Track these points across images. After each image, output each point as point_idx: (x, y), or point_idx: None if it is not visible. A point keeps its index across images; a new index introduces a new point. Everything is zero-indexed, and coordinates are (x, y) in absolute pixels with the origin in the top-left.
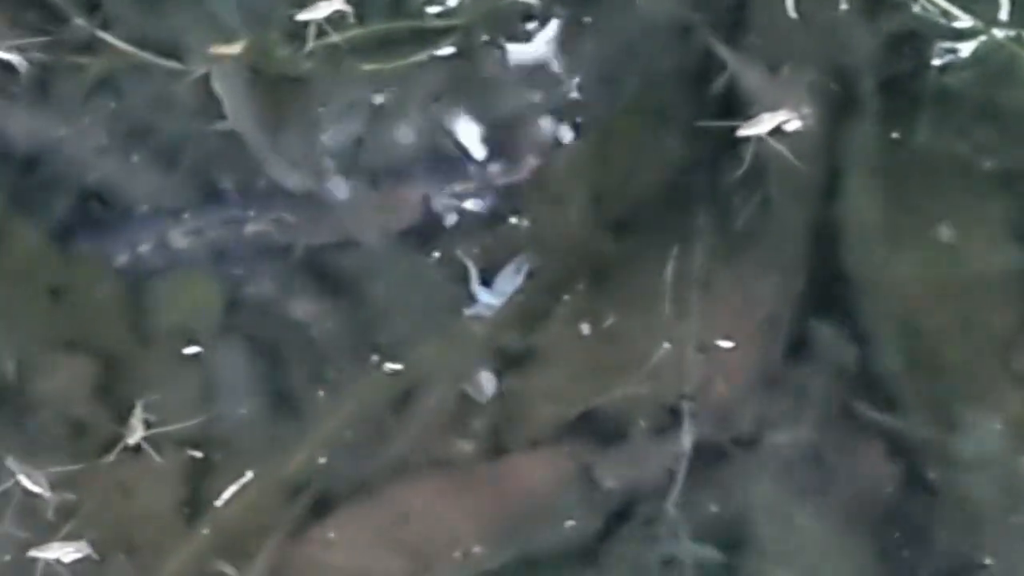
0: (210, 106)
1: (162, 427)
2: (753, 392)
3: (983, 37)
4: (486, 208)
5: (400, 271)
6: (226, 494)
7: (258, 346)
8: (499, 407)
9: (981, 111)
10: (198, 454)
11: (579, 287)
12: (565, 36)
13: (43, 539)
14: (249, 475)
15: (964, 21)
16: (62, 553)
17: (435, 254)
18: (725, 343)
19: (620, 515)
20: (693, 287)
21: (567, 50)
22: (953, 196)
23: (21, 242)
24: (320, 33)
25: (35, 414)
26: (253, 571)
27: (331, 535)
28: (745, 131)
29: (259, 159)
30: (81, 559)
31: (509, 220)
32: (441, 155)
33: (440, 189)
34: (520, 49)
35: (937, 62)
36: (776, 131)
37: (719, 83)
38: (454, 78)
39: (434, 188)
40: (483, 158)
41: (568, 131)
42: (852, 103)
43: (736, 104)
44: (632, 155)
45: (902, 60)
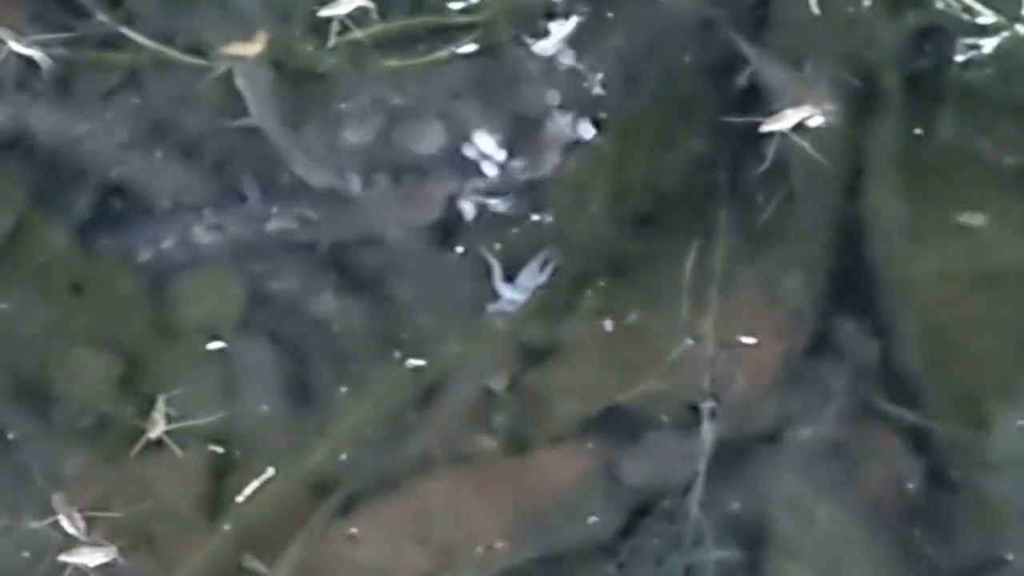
0: (233, 102)
1: (184, 422)
2: (775, 388)
3: (1006, 33)
4: (509, 204)
5: (423, 267)
6: (248, 490)
7: (280, 342)
8: (521, 403)
9: (1004, 107)
10: (220, 450)
11: (601, 283)
12: (587, 33)
13: (72, 543)
14: (271, 471)
15: (987, 17)
16: (91, 558)
17: (458, 250)
18: (748, 339)
19: (642, 511)
20: (715, 283)
21: (589, 47)
22: (976, 192)
23: (44, 238)
24: (343, 29)
25: (59, 410)
26: (282, 568)
27: (354, 531)
28: (768, 127)
29: (282, 155)
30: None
31: (531, 216)
32: (463, 152)
33: (463, 186)
34: (542, 45)
35: (960, 58)
36: (799, 127)
37: (742, 79)
38: (476, 74)
39: (457, 185)
40: (505, 154)
41: (590, 127)
42: (875, 99)
43: (759, 100)
44: (654, 151)
45: (925, 56)
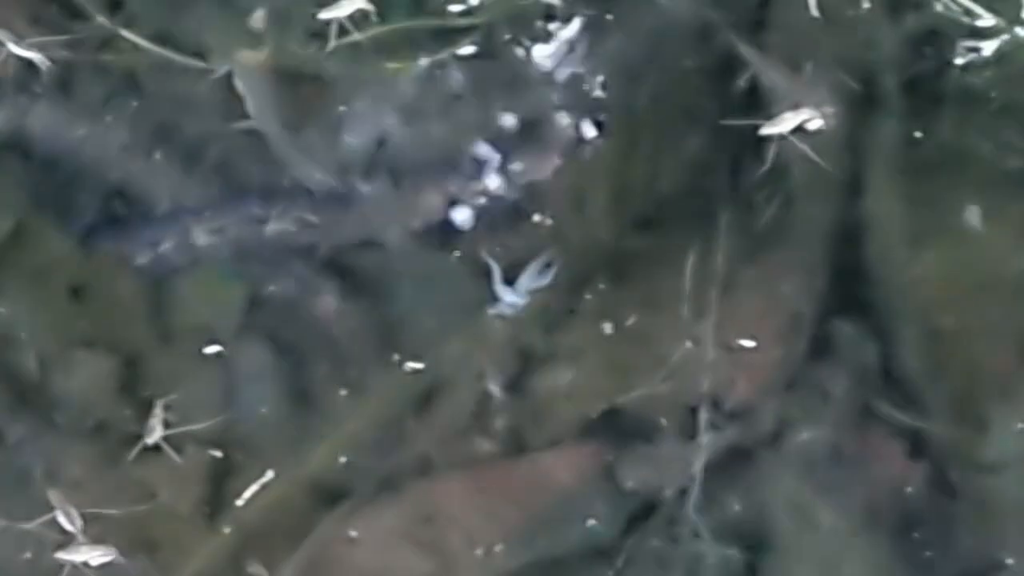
0: (232, 105)
1: (183, 426)
2: (775, 391)
3: (1005, 36)
4: (509, 207)
5: (422, 270)
6: (247, 494)
7: (280, 345)
8: (521, 406)
9: (1003, 109)
10: (219, 453)
11: (601, 286)
12: (587, 35)
13: (70, 540)
14: (270, 475)
15: (986, 20)
16: (90, 556)
17: (457, 253)
18: (747, 342)
19: (642, 514)
20: (715, 286)
21: (589, 49)
22: (976, 195)
23: (43, 241)
24: (342, 32)
25: (58, 412)
26: (285, 572)
27: (353, 534)
28: (768, 130)
29: (281, 158)
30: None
31: (532, 219)
32: (463, 154)
33: (462, 188)
34: (542, 48)
35: (959, 61)
36: (799, 130)
37: (741, 82)
38: (476, 77)
39: (456, 187)
40: (506, 157)
41: (591, 130)
42: (874, 102)
43: (759, 103)
44: (655, 154)
45: (924, 59)
